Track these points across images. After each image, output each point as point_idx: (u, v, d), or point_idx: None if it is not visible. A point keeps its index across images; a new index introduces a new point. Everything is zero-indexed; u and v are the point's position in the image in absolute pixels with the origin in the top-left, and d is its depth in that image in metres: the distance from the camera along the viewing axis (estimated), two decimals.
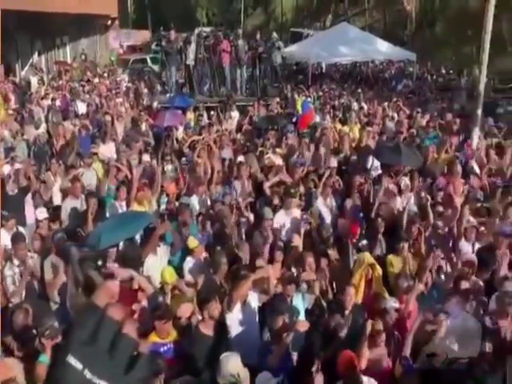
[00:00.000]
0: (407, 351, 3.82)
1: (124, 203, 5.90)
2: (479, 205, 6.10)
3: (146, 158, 7.82)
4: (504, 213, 5.81)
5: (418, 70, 16.97)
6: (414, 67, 16.29)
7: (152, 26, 34.61)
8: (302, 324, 3.84)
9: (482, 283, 4.70)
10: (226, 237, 5.60)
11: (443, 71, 17.21)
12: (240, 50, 14.42)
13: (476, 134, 8.76)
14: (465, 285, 4.55)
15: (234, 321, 4.23)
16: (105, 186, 6.25)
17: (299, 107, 9.38)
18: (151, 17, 37.35)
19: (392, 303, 4.19)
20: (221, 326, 4.12)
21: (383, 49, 17.24)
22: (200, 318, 4.13)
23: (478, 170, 7.46)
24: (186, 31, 17.12)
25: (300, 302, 4.61)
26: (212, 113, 11.60)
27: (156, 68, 17.08)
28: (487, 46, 9.09)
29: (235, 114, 11.41)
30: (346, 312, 4.29)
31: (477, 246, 5.35)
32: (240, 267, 4.76)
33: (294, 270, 5.06)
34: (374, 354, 3.82)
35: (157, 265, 4.78)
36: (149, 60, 20.49)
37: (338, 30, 18.32)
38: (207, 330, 4.03)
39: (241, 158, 7.99)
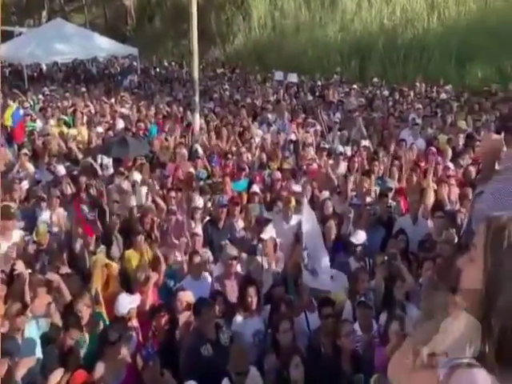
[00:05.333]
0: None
1: None
2: (202, 183, 6.70)
3: None
4: (223, 186, 6.55)
5: (143, 64, 17.44)
6: (137, 62, 16.64)
7: None
8: (25, 362, 3.43)
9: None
10: None
11: (166, 64, 18.19)
12: None
13: (196, 118, 9.58)
14: (196, 259, 4.96)
15: None
16: None
17: (8, 120, 8.22)
18: None
19: (124, 296, 4.20)
20: None
21: (105, 45, 17.03)
22: None
23: (201, 152, 8.18)
24: None
25: (34, 330, 4.13)
26: None
27: None
28: (195, 38, 9.99)
29: None
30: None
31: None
32: None
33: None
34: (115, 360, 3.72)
35: None
36: None
37: (52, 27, 17.05)
38: None
39: None
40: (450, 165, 6.45)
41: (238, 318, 4.19)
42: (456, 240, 4.59)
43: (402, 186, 6.24)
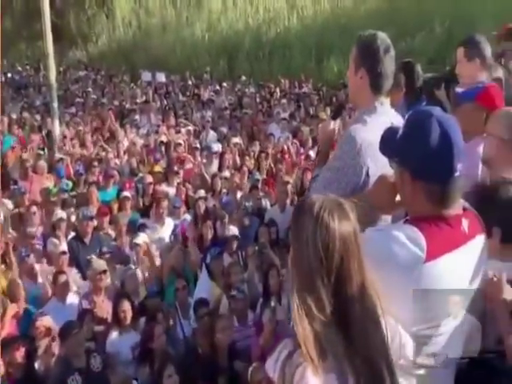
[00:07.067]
0: None
1: None
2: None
3: None
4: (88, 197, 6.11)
5: None
6: None
7: None
8: None
9: None
10: None
11: (19, 68, 16.47)
12: None
13: (56, 126, 8.82)
14: (62, 279, 4.55)
15: None
16: None
17: None
18: None
19: None
20: None
21: None
22: None
23: (65, 162, 7.54)
24: None
25: None
26: None
27: None
28: (50, 38, 9.42)
29: None
30: None
31: None
32: None
33: None
34: None
35: None
36: None
37: None
38: None
39: None
40: (312, 153, 6.88)
41: (113, 335, 3.97)
42: None
43: (271, 178, 6.48)
